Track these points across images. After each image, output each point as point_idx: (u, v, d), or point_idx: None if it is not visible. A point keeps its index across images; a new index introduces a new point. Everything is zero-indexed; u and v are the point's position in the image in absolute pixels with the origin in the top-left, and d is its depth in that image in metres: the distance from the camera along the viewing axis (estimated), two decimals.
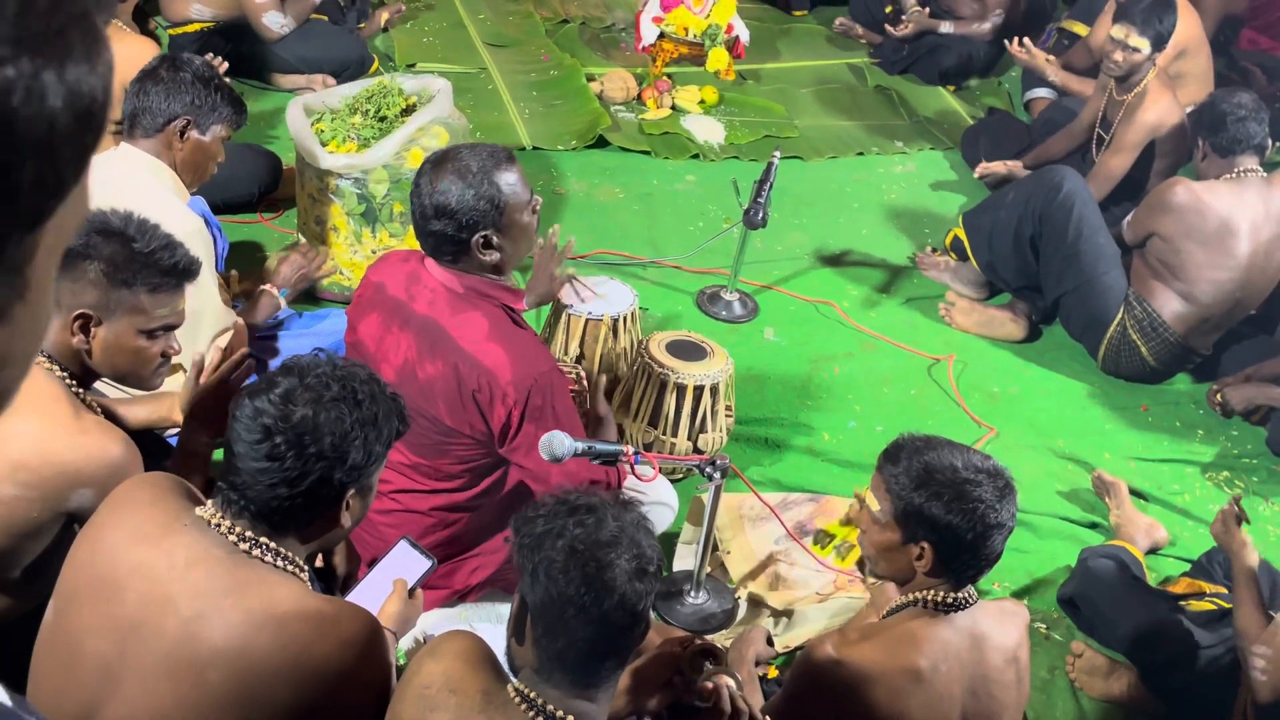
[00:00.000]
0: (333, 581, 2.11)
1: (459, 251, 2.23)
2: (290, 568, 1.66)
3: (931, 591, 1.91)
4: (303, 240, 3.09)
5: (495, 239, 2.23)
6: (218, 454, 2.23)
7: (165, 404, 2.33)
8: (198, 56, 2.76)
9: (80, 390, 1.97)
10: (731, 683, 1.89)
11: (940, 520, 1.84)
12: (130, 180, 2.58)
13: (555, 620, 1.53)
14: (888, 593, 2.28)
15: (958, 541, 1.85)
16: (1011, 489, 1.89)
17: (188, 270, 1.99)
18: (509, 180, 2.22)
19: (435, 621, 2.48)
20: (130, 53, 3.14)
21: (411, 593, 1.96)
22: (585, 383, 2.82)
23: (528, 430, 2.22)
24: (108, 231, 1.92)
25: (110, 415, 2.21)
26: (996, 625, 1.95)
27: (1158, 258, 3.57)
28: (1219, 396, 3.58)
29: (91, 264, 1.90)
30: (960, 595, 1.91)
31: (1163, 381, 3.75)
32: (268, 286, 2.94)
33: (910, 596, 1.94)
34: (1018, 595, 2.92)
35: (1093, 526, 3.16)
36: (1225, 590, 2.71)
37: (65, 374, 1.95)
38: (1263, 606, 2.43)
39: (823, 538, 2.67)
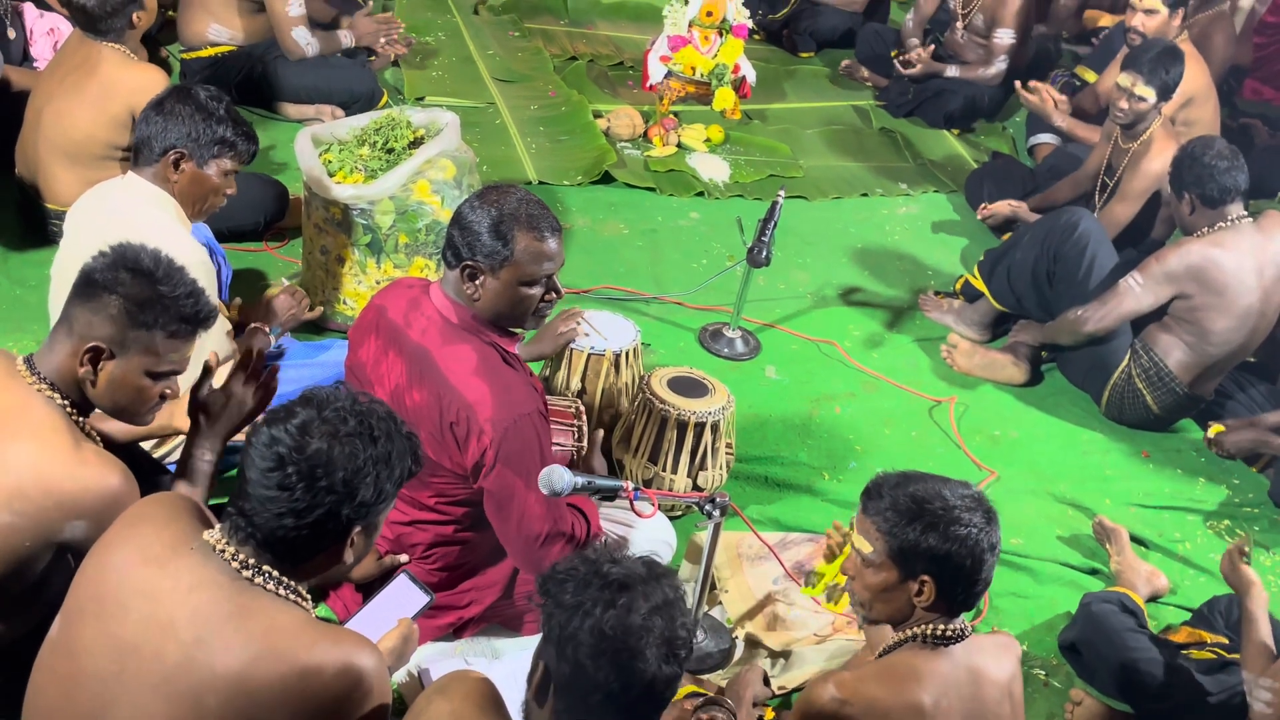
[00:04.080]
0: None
1: (454, 263, 2.24)
2: (293, 596, 1.65)
3: (929, 626, 1.91)
4: (286, 281, 3.11)
5: (481, 278, 2.22)
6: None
7: (164, 412, 2.31)
8: (208, 87, 2.73)
9: (80, 419, 1.96)
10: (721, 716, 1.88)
11: (939, 551, 1.85)
12: (135, 209, 2.58)
13: (580, 700, 1.51)
14: (884, 634, 2.27)
15: (957, 569, 1.86)
16: (994, 512, 1.92)
17: (206, 319, 2.00)
18: (529, 247, 2.21)
19: (430, 655, 2.47)
20: (136, 81, 3.16)
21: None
22: (584, 417, 2.82)
23: (501, 474, 2.20)
24: (137, 270, 1.92)
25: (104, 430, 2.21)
26: (991, 658, 1.96)
27: (1170, 312, 3.57)
28: (1214, 436, 3.58)
29: (114, 298, 1.90)
30: (955, 626, 1.91)
31: (1165, 429, 3.74)
32: (259, 324, 2.95)
33: (908, 632, 1.93)
34: (1017, 639, 2.89)
35: (1093, 573, 3.14)
36: (1226, 640, 2.70)
37: (66, 402, 1.94)
38: (1270, 644, 2.42)
39: (813, 577, 2.65)
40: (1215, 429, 3.57)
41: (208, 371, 2.11)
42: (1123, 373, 3.64)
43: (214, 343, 2.64)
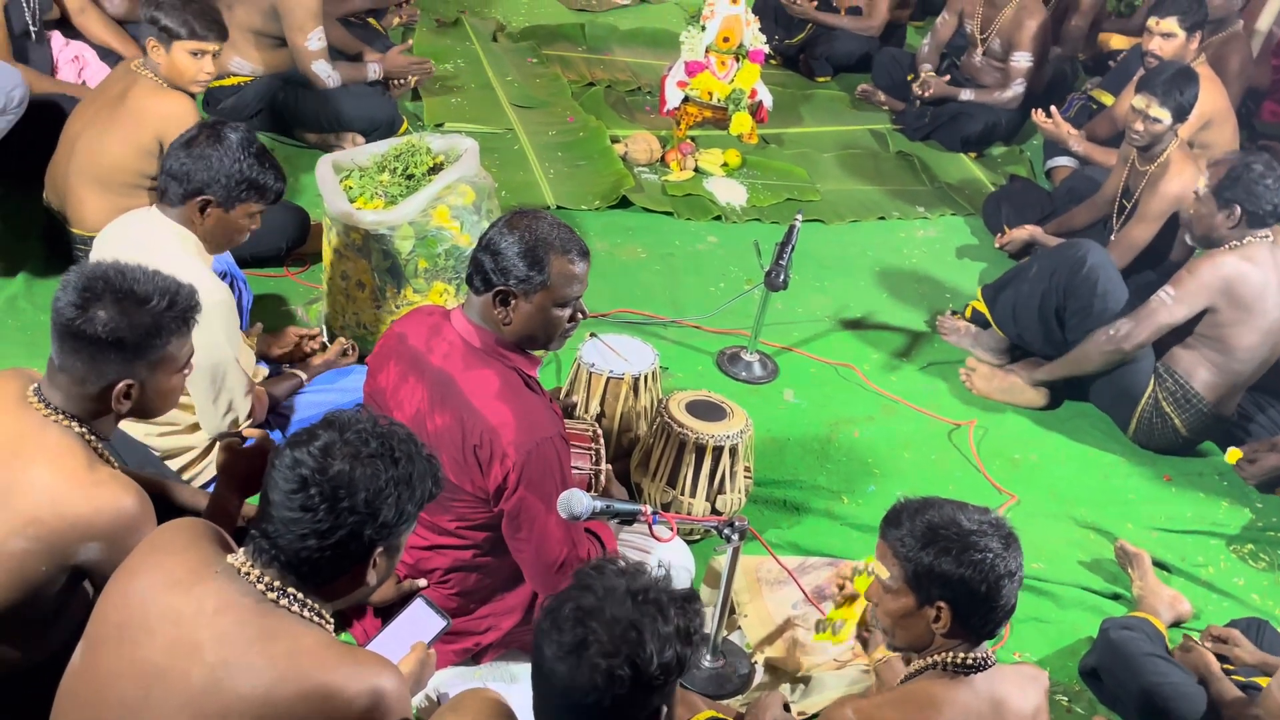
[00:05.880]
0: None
1: (483, 289, 2.25)
2: (316, 618, 1.66)
3: (949, 654, 1.90)
4: (343, 340, 3.19)
5: (514, 302, 2.24)
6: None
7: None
8: (238, 127, 2.70)
9: (97, 444, 1.98)
10: None
11: (952, 575, 1.85)
12: (157, 244, 2.59)
13: (543, 697, 1.56)
14: (894, 668, 2.27)
15: (972, 595, 1.85)
16: (1015, 538, 1.91)
17: (196, 307, 2.01)
18: (563, 270, 2.24)
19: (448, 679, 2.47)
20: (164, 109, 3.19)
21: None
22: (602, 440, 2.82)
23: (523, 498, 2.21)
24: (114, 300, 1.90)
25: (162, 490, 2.25)
26: (1016, 690, 1.94)
27: (1195, 331, 3.55)
28: (1236, 464, 3.55)
29: (110, 348, 1.90)
30: (977, 655, 1.90)
31: (1191, 451, 3.71)
32: (299, 371, 3.00)
33: (928, 660, 1.93)
34: (1038, 665, 2.87)
35: (1115, 598, 3.12)
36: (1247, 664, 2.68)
37: (85, 429, 1.96)
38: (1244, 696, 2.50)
39: (822, 624, 2.63)
40: (1233, 455, 3.55)
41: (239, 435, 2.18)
42: (1149, 398, 3.62)
43: (232, 376, 2.65)
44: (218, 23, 3.25)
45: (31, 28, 3.81)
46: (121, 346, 1.90)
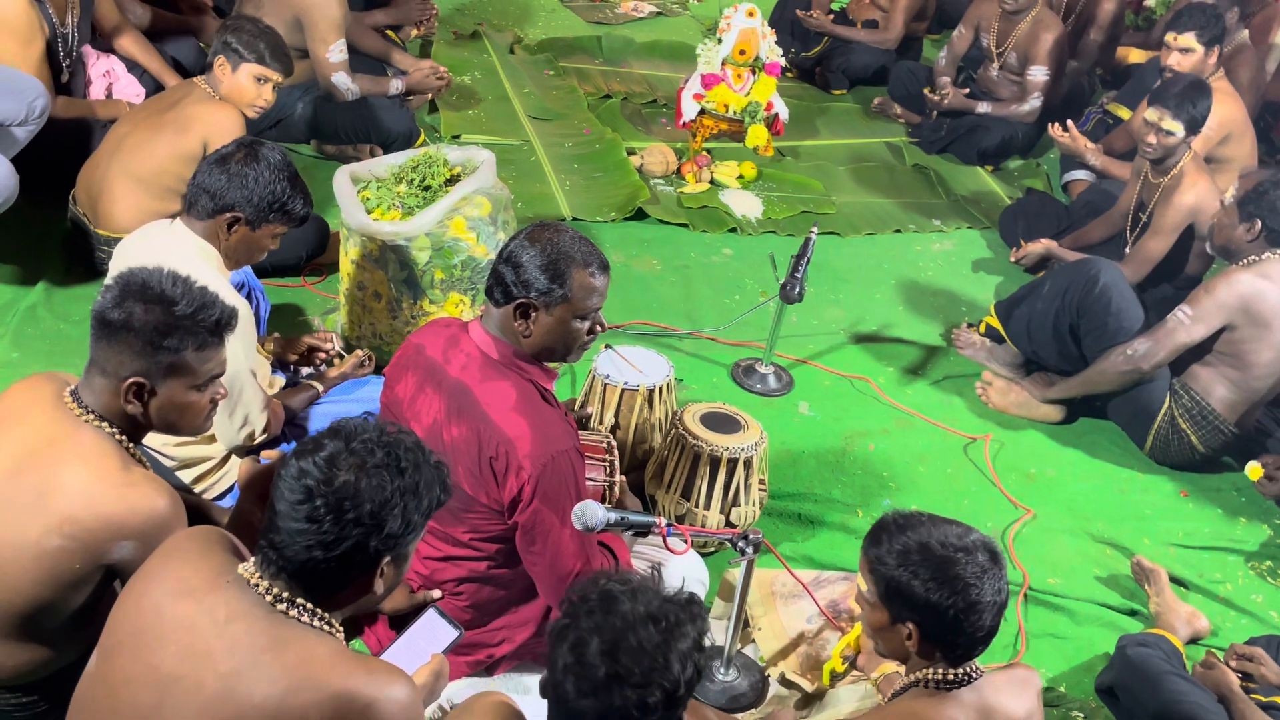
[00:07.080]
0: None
1: (503, 301, 2.27)
2: (326, 627, 1.67)
3: (930, 670, 1.88)
4: (360, 351, 3.19)
5: (534, 314, 2.25)
6: None
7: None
8: (275, 148, 2.72)
9: (130, 445, 2.00)
10: None
11: (919, 598, 1.83)
12: (177, 257, 2.57)
13: (554, 709, 1.57)
14: (894, 684, 2.26)
15: (939, 619, 1.83)
16: (998, 562, 1.86)
17: (229, 323, 2.02)
18: (584, 283, 2.25)
19: (461, 690, 2.47)
20: (212, 117, 3.26)
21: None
22: (616, 452, 2.82)
23: (538, 510, 2.21)
24: (147, 298, 1.94)
25: (198, 507, 2.26)
26: (1008, 696, 1.92)
27: (1213, 348, 3.53)
28: (1257, 481, 3.52)
29: (134, 336, 1.92)
30: (959, 672, 1.88)
31: (1209, 469, 3.69)
32: (315, 383, 3.01)
33: (912, 677, 1.92)
34: (1054, 681, 2.86)
35: (1132, 614, 3.10)
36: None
37: (115, 430, 1.98)
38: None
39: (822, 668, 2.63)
40: (1254, 471, 3.52)
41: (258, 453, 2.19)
42: (1165, 415, 3.60)
43: (248, 391, 2.66)
44: (287, 57, 3.41)
45: (65, 70, 3.80)
46: (130, 334, 1.91)
